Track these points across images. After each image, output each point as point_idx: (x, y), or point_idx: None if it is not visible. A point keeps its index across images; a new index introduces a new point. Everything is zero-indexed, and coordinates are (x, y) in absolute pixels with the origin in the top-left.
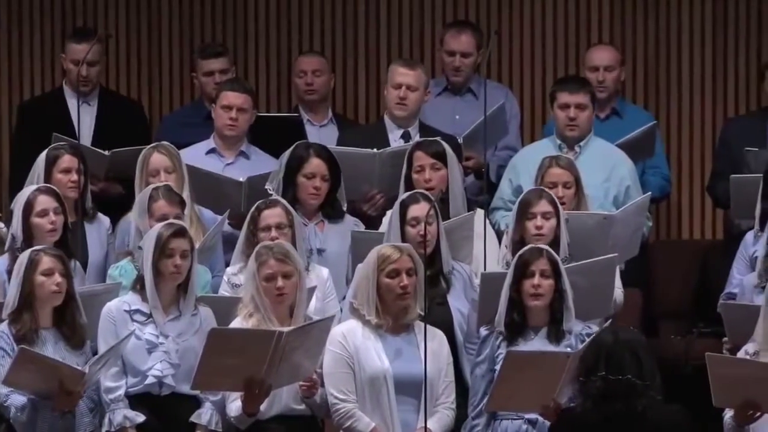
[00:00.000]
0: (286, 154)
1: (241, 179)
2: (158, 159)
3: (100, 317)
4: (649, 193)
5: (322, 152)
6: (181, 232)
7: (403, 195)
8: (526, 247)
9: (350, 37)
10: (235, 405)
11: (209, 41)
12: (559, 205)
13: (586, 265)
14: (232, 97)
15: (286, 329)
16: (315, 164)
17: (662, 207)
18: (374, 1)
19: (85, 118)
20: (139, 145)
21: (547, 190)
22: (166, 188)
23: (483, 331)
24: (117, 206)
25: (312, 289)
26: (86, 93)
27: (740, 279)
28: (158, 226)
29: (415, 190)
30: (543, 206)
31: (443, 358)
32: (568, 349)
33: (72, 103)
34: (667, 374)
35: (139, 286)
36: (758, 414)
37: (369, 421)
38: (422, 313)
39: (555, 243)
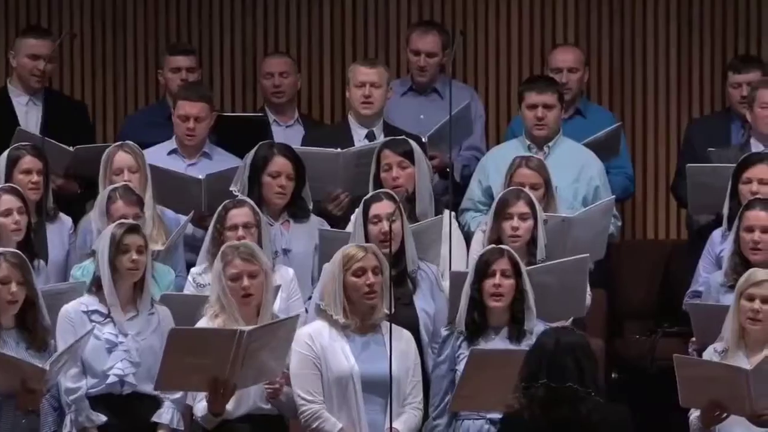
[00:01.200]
0: (250, 154)
1: (200, 176)
2: (122, 158)
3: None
4: (613, 196)
5: (286, 151)
6: (134, 229)
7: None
8: (487, 248)
9: (315, 37)
10: (201, 405)
11: (174, 41)
12: (537, 206)
13: (557, 265)
14: (187, 107)
15: (246, 328)
16: (280, 163)
17: (627, 207)
18: (339, 2)
19: (31, 117)
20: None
21: (525, 190)
22: (124, 188)
23: (443, 332)
24: (79, 205)
25: (276, 288)
26: (38, 89)
27: (706, 277)
28: (111, 227)
29: (379, 189)
30: (520, 207)
31: (410, 358)
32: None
33: (17, 101)
34: (632, 374)
35: (95, 287)
36: (724, 415)
37: (336, 422)
38: (388, 312)
39: (532, 244)
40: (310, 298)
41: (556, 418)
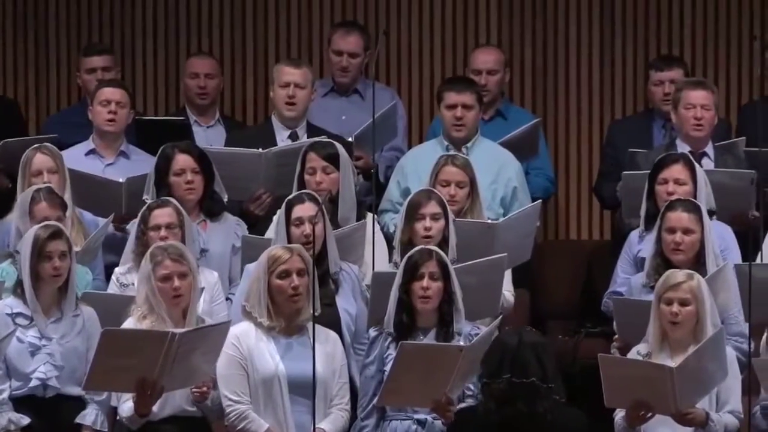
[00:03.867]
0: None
1: (120, 180)
2: (41, 159)
3: None
4: (539, 201)
5: (188, 147)
6: (57, 234)
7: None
8: (415, 249)
9: (238, 38)
10: (127, 405)
11: (94, 42)
12: (447, 206)
13: (475, 265)
14: (108, 93)
15: (179, 330)
16: (182, 160)
17: (550, 207)
18: (262, 2)
19: None
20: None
21: (436, 191)
22: (48, 190)
23: (372, 332)
24: (4, 204)
25: (200, 290)
26: None
27: (625, 278)
28: (34, 229)
29: (301, 191)
30: (432, 207)
31: (337, 360)
32: (462, 343)
33: None
34: None
35: (19, 290)
36: (649, 414)
37: (262, 423)
38: (313, 313)
39: (443, 244)
40: (227, 298)
41: (510, 413)
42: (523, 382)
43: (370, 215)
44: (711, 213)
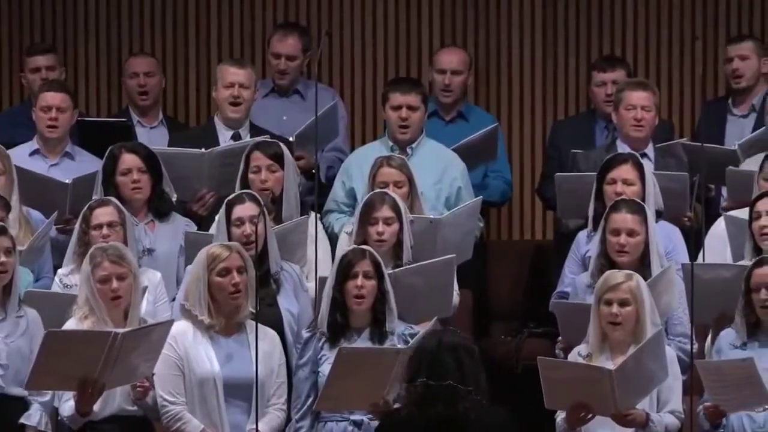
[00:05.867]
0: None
1: (66, 181)
2: None
3: None
4: (480, 197)
5: (134, 147)
6: (1, 231)
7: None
8: (349, 248)
9: (180, 39)
10: (68, 405)
11: (39, 41)
12: (403, 208)
13: (424, 266)
14: (49, 98)
15: (122, 330)
16: (128, 160)
17: (494, 207)
18: (204, 3)
19: None
20: None
21: (390, 193)
22: None
23: (305, 333)
24: None
25: (143, 289)
26: None
27: (572, 278)
28: None
29: (242, 191)
30: (385, 211)
31: (275, 359)
32: (396, 342)
33: None
34: (499, 375)
35: None
36: (590, 415)
37: (198, 424)
38: (253, 311)
39: (398, 247)
40: (173, 299)
41: (432, 415)
42: (440, 385)
43: (312, 213)
44: (659, 213)
